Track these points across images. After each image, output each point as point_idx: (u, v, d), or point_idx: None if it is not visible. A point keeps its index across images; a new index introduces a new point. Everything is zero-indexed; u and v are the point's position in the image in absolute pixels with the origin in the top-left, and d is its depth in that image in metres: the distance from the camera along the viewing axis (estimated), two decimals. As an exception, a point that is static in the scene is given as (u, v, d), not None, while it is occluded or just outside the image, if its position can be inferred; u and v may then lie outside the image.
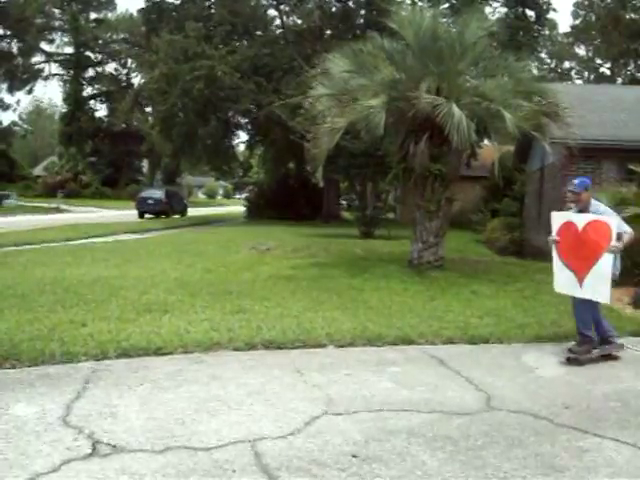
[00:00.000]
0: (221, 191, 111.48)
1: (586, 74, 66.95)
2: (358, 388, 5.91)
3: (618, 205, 10.87)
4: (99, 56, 73.63)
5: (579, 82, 62.87)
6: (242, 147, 48.60)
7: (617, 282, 7.51)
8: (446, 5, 33.39)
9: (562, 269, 7.53)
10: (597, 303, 7.39)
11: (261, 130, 39.17)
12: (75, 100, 70.18)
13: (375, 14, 31.48)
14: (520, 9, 38.55)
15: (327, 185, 35.96)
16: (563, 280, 7.52)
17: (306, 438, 4.70)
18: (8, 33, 54.85)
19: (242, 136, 44.82)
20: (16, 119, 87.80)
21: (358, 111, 12.82)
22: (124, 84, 72.95)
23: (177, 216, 42.99)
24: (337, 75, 14.19)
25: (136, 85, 68.49)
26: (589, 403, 5.78)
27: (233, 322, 8.19)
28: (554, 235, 7.61)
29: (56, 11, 70.50)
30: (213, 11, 38.89)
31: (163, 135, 39.83)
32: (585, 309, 7.41)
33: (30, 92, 70.48)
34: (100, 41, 71.83)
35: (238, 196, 76.12)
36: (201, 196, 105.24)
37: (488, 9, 36.22)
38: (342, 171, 28.25)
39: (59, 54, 72.79)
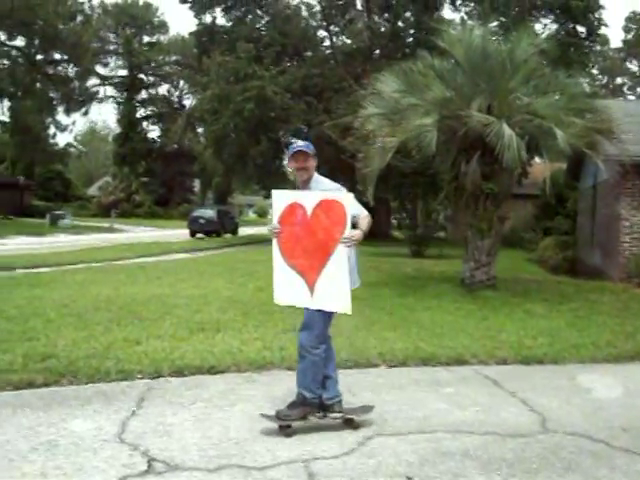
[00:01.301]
0: (271, 211, 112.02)
1: (638, 90, 66.00)
2: (411, 408, 5.88)
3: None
4: (152, 78, 75.12)
5: (631, 98, 61.94)
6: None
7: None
8: (495, 23, 33.26)
9: (285, 271, 5.52)
10: (330, 319, 5.53)
11: None
12: (129, 121, 71.59)
13: (424, 33, 31.49)
14: (571, 25, 38.15)
15: (378, 204, 35.90)
16: (286, 286, 5.54)
17: (359, 458, 4.68)
18: (65, 58, 56.18)
19: None
20: (71, 140, 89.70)
21: (409, 130, 12.81)
22: (176, 105, 74.22)
23: (228, 235, 43.29)
24: (387, 94, 14.22)
25: (188, 106, 69.59)
26: (648, 426, 5.64)
27: (285, 341, 8.20)
28: (275, 223, 5.59)
29: (111, 36, 72.25)
30: (264, 32, 39.36)
31: (215, 155, 40.32)
32: (320, 325, 5.45)
33: (86, 114, 72.02)
34: (153, 64, 73.29)
35: None
36: (252, 215, 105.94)
37: (538, 26, 35.88)
38: (393, 190, 28.23)
39: (113, 77, 74.43)
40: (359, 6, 39.41)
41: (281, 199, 5.64)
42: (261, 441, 4.98)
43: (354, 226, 5.22)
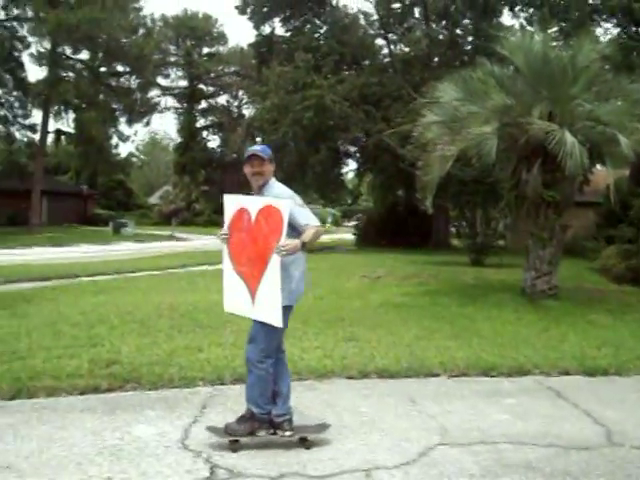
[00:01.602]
0: (330, 219, 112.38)
1: None
2: (473, 419, 5.83)
3: None
4: (211, 89, 75.97)
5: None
6: (351, 175, 48.83)
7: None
8: (555, 29, 32.79)
9: (233, 278, 5.46)
10: (277, 333, 5.26)
11: (370, 158, 39.26)
12: (189, 131, 72.61)
13: (483, 40, 31.22)
14: (633, 28, 37.36)
15: (437, 212, 35.70)
16: (233, 294, 5.49)
17: (421, 468, 4.67)
18: (128, 70, 57.33)
19: (351, 164, 45.11)
20: (133, 150, 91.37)
21: (469, 138, 12.72)
22: (235, 115, 74.90)
23: None
24: (447, 102, 14.15)
25: (247, 116, 70.26)
26: None
27: (346, 350, 8.22)
28: (225, 229, 5.52)
29: (171, 47, 73.29)
30: (322, 42, 39.48)
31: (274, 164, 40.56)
32: (265, 339, 5.24)
33: (147, 125, 73.17)
34: (212, 74, 74.15)
35: (347, 223, 76.42)
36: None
37: (599, 30, 35.26)
38: (452, 198, 28.00)
39: (174, 88, 75.45)
40: (417, 14, 39.23)
41: (231, 204, 5.53)
42: (322, 450, 5.00)
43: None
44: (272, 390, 5.32)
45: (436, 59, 37.73)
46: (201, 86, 75.06)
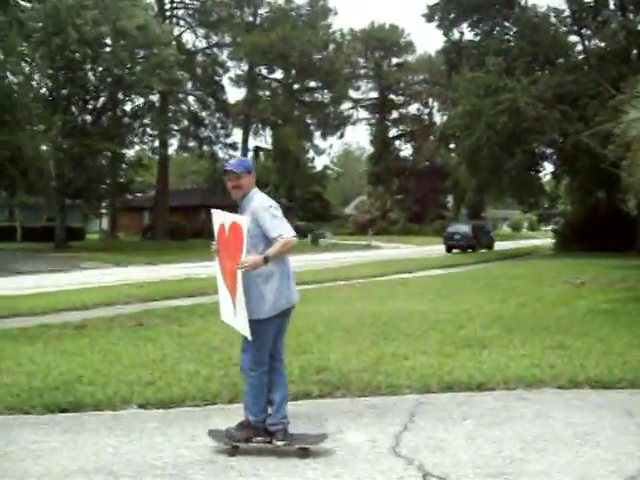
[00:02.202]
0: (525, 223, 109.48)
1: None
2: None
3: None
4: (402, 98, 76.64)
5: None
6: (547, 177, 47.36)
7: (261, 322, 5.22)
8: None
9: (222, 289, 5.60)
10: (265, 342, 5.31)
11: (567, 159, 37.91)
12: (381, 141, 73.64)
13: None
14: None
15: (641, 214, 33.85)
16: (223, 305, 5.63)
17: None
18: (320, 85, 59.29)
19: (547, 166, 43.79)
20: (328, 163, 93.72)
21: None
22: (427, 123, 75.02)
23: (484, 250, 42.98)
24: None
25: (438, 123, 70.08)
26: None
27: (554, 359, 7.95)
28: (215, 242, 5.61)
29: (361, 60, 74.69)
30: (512, 44, 38.72)
31: (468, 170, 40.23)
32: (252, 347, 5.29)
33: (341, 137, 74.79)
34: (402, 84, 74.76)
35: (543, 228, 74.29)
36: (505, 229, 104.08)
37: None
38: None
39: (365, 99, 76.76)
40: (612, 5, 37.45)
41: (216, 219, 5.63)
42: (535, 462, 4.87)
43: None
44: (267, 399, 5.37)
45: (634, 52, 35.83)
46: (391, 96, 75.90)
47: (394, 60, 76.57)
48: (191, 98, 51.38)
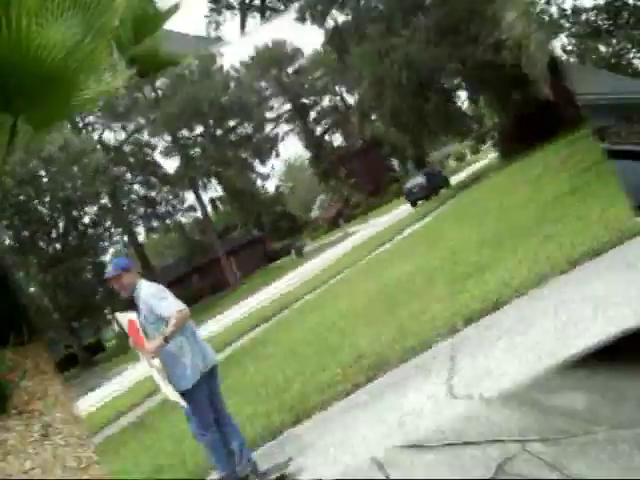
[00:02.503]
0: (467, 150, 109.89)
1: None
2: None
3: None
4: (312, 98, 78.10)
5: None
6: (466, 105, 48.94)
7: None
8: None
9: (152, 371, 5.83)
10: (203, 408, 5.76)
11: (475, 81, 38.61)
12: (313, 143, 75.03)
13: None
14: None
15: None
16: (159, 383, 5.87)
17: None
18: (238, 121, 60.69)
19: (462, 95, 45.42)
20: (278, 183, 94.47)
21: None
22: (343, 109, 76.74)
23: (444, 190, 44.38)
24: None
25: (353, 103, 71.76)
26: None
27: (548, 251, 8.41)
28: (131, 338, 5.86)
29: (262, 83, 76.16)
30: (380, 7, 40.40)
31: (397, 129, 41.34)
32: (195, 415, 5.75)
33: (277, 156, 74.22)
34: (306, 85, 76.30)
35: (483, 147, 75.16)
36: (452, 163, 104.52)
37: None
38: None
39: (282, 114, 77.72)
40: None
41: (121, 319, 6.03)
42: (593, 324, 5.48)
43: None
44: (227, 452, 5.74)
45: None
46: (303, 100, 77.07)
47: (290, 70, 78.48)
48: (136, 186, 53.15)
